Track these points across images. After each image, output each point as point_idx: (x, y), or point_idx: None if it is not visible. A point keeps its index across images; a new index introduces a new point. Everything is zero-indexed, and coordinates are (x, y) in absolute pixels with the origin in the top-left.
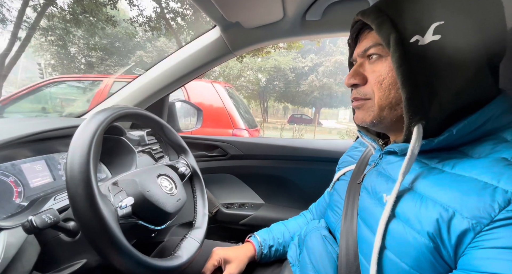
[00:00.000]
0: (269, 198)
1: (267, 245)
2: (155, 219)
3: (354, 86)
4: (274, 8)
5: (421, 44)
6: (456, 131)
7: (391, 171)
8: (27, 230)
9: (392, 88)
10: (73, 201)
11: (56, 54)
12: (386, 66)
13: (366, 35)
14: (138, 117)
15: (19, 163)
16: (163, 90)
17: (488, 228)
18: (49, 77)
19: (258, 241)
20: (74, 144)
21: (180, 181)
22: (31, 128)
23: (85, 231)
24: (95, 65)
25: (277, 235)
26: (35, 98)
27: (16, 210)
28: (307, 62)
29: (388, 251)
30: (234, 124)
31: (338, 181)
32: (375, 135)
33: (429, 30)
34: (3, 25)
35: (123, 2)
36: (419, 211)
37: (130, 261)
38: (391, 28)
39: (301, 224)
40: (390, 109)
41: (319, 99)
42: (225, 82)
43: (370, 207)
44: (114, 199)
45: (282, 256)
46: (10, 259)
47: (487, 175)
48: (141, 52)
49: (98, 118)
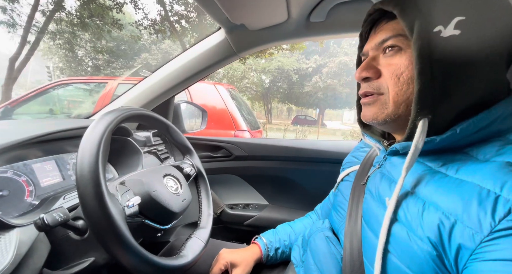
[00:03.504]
0: (273, 199)
1: (273, 247)
2: (161, 219)
3: (365, 80)
4: (279, 10)
5: (442, 35)
6: (460, 130)
7: (394, 174)
8: (39, 228)
9: (411, 83)
10: (82, 199)
11: (64, 57)
12: (406, 58)
13: (383, 26)
14: (145, 118)
15: (30, 163)
16: (169, 92)
17: (488, 238)
18: (57, 79)
19: (264, 243)
20: (84, 145)
21: (185, 181)
22: (42, 129)
23: (94, 229)
24: (101, 68)
25: (283, 236)
26: (42, 100)
27: (27, 209)
28: (311, 63)
29: (392, 256)
30: (236, 126)
31: (342, 181)
32: (379, 135)
33: (451, 23)
34: (14, 29)
35: (129, 6)
36: (421, 217)
37: (137, 259)
38: (417, 13)
39: (306, 225)
40: (407, 106)
41: (323, 100)
42: (227, 84)
43: (373, 209)
44: (122, 198)
45: (288, 258)
46: (22, 255)
47: (490, 181)
48: (147, 54)
49: (106, 119)
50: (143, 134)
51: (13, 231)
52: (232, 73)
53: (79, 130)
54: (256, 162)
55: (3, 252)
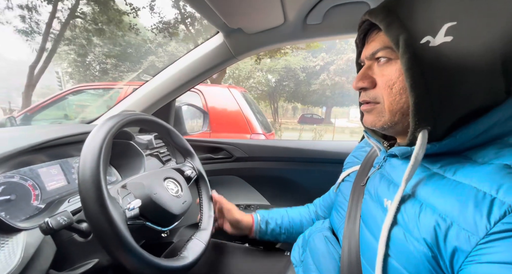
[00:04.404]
0: (275, 200)
1: (264, 220)
2: (161, 221)
3: (362, 89)
4: (275, 14)
5: (432, 45)
6: (459, 136)
7: (393, 175)
8: (44, 231)
9: (403, 93)
10: (84, 203)
11: (73, 62)
12: (396, 69)
13: (374, 36)
14: (145, 122)
15: (36, 167)
16: (170, 95)
17: (484, 241)
18: (70, 87)
19: (257, 215)
20: (85, 151)
21: (186, 184)
22: (47, 135)
23: (96, 232)
24: (109, 72)
25: (276, 216)
26: (58, 106)
27: (34, 212)
28: (318, 61)
29: (392, 259)
30: (251, 129)
31: (343, 182)
32: (381, 136)
33: (440, 31)
34: (32, 37)
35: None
36: (418, 218)
37: (137, 261)
38: (400, 28)
39: (302, 213)
40: (402, 114)
41: (330, 98)
42: (240, 87)
43: (372, 211)
44: (123, 201)
45: (277, 238)
46: (29, 257)
47: (486, 184)
48: (153, 57)
49: (108, 124)
50: (145, 137)
51: (20, 234)
52: (238, 73)
53: (82, 135)
54: (257, 163)
55: (10, 254)
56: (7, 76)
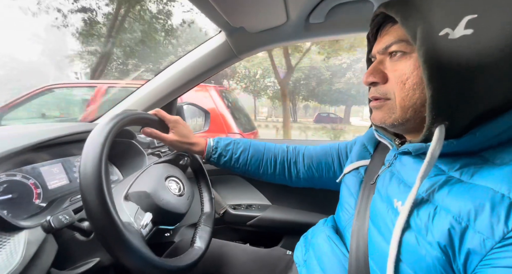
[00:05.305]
0: (276, 200)
1: (213, 147)
2: (171, 221)
3: (373, 85)
4: (277, 13)
5: (451, 38)
6: (479, 133)
7: (404, 175)
8: (46, 230)
9: (417, 88)
10: (85, 202)
11: (89, 62)
12: (411, 64)
13: (387, 30)
14: (146, 121)
15: (38, 166)
16: (172, 94)
17: (500, 245)
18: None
19: (211, 140)
20: (87, 149)
21: (185, 177)
22: (49, 133)
23: (97, 230)
24: (131, 72)
25: (234, 146)
26: (31, 105)
27: (35, 211)
28: (344, 59)
29: (403, 264)
30: (227, 128)
31: (349, 174)
32: (392, 134)
33: (460, 23)
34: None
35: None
36: (432, 222)
37: (139, 260)
38: (418, 20)
39: (277, 148)
40: (415, 111)
41: (352, 96)
42: (219, 86)
43: (381, 211)
44: (135, 221)
45: (229, 166)
46: (31, 256)
47: (505, 185)
48: (172, 57)
49: (109, 123)
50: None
51: (22, 233)
52: (254, 71)
53: (84, 134)
54: None
55: (12, 253)
56: (19, 76)
